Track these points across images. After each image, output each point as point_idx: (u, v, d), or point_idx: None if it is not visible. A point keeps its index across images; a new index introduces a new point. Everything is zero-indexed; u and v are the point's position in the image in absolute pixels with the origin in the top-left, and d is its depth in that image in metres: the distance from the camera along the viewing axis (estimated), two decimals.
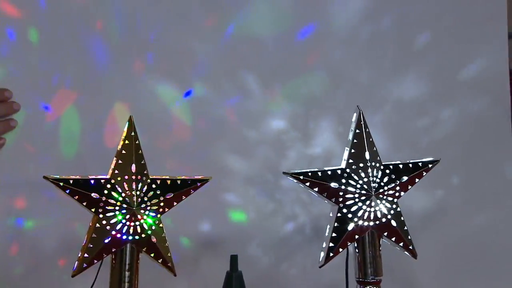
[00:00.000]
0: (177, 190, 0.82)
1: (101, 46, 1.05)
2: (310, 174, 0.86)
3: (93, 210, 0.78)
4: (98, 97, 1.04)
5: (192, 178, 0.84)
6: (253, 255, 1.08)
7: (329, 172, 0.86)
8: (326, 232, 0.87)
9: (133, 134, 0.81)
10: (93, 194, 0.78)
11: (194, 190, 0.84)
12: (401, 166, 0.90)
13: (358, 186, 0.87)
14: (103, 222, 0.78)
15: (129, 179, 0.80)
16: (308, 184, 0.86)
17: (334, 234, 0.86)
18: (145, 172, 0.81)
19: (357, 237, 0.87)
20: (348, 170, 0.87)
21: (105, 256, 0.78)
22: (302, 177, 0.86)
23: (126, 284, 0.79)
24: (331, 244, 0.86)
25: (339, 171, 0.87)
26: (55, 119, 1.02)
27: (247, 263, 0.90)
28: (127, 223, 0.79)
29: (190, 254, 1.05)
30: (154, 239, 0.81)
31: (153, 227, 0.81)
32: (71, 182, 0.77)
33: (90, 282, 0.82)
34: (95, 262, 0.78)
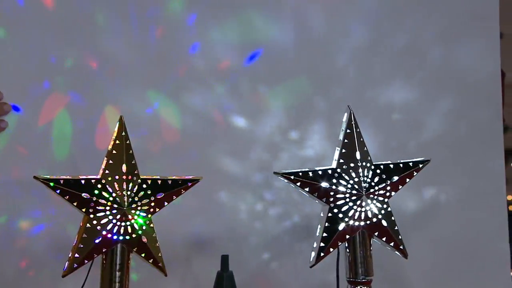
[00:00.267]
0: (168, 190, 0.82)
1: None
2: (301, 174, 0.86)
3: (83, 210, 0.78)
4: (90, 100, 1.04)
5: (182, 178, 0.84)
6: (244, 255, 1.08)
7: (320, 172, 0.87)
8: (317, 232, 0.87)
9: (123, 134, 0.81)
10: (83, 194, 0.77)
11: (185, 190, 0.84)
12: (391, 166, 0.91)
13: (349, 186, 0.87)
14: (94, 222, 0.78)
15: (119, 179, 0.79)
16: (299, 184, 0.86)
17: (325, 234, 0.86)
18: (135, 172, 0.81)
19: (348, 237, 0.87)
20: (339, 170, 0.87)
21: (95, 256, 0.78)
22: (293, 177, 0.86)
23: (117, 284, 0.79)
24: (322, 244, 0.86)
25: (330, 171, 0.87)
26: (48, 122, 1.02)
27: (238, 263, 0.90)
28: (118, 223, 0.79)
29: (181, 254, 1.05)
30: (144, 239, 0.81)
31: (143, 227, 0.81)
32: (62, 182, 0.77)
33: (81, 282, 0.82)
34: (86, 262, 0.78)
